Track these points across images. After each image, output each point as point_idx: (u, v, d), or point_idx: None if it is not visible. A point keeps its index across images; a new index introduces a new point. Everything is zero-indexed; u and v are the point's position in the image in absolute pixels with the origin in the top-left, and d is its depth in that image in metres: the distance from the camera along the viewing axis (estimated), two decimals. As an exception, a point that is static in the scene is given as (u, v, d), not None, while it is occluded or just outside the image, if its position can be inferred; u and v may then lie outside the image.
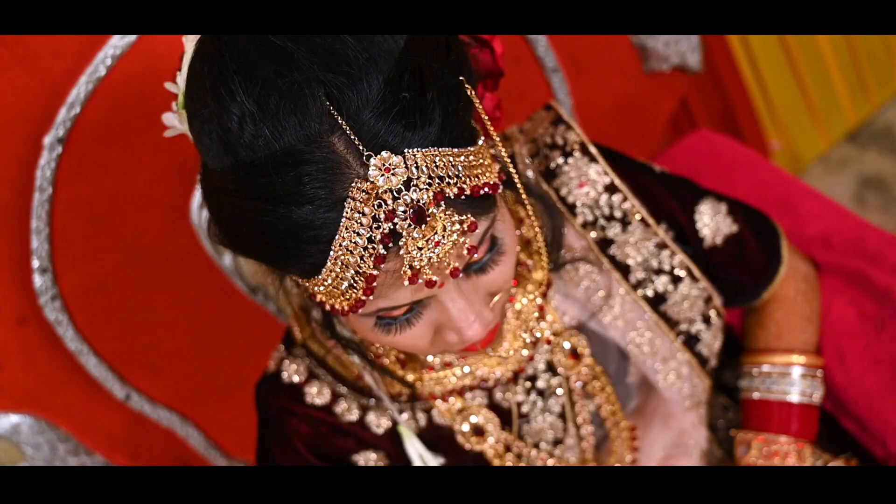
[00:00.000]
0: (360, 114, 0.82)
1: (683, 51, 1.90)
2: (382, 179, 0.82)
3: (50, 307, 1.49)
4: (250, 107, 0.83)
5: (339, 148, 0.83)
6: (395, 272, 0.87)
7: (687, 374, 1.32)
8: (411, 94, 0.84)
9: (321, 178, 0.82)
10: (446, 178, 0.85)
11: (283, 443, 1.24)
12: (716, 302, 1.31)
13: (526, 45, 1.71)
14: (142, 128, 1.41)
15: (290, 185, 0.83)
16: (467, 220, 0.86)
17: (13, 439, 1.55)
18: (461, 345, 1.01)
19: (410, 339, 0.98)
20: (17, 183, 1.39)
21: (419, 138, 0.84)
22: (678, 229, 1.28)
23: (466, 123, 0.91)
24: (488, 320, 0.98)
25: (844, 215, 1.67)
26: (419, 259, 0.85)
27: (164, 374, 1.67)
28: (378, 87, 0.83)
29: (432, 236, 0.85)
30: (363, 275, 0.85)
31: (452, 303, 0.94)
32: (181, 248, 1.58)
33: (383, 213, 0.83)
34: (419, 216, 0.84)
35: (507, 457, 1.28)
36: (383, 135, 0.83)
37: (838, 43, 2.54)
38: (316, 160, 0.82)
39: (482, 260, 0.96)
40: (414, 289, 0.90)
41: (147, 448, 1.71)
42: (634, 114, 1.94)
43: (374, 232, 0.83)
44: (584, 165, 1.22)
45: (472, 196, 0.88)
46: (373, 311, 0.92)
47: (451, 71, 0.89)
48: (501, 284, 0.99)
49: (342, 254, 0.84)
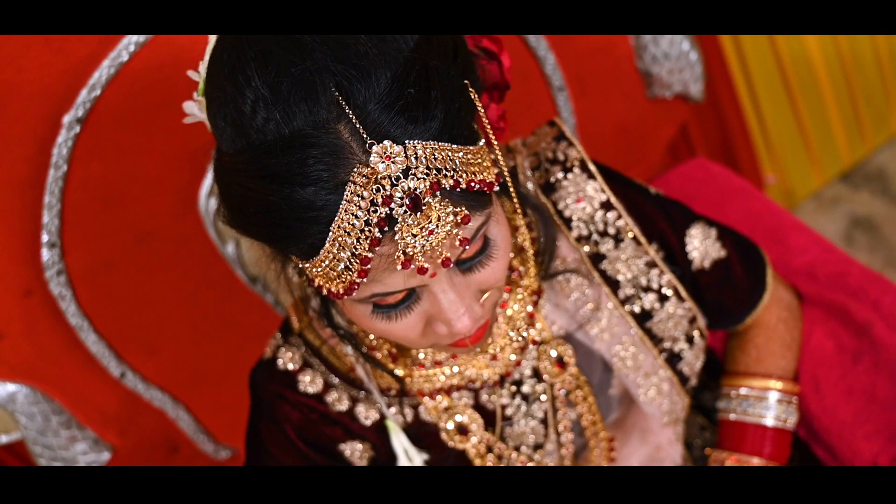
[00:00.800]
0: (366, 105, 0.86)
1: (686, 79, 1.91)
2: (382, 166, 0.85)
3: (55, 281, 1.51)
4: (264, 92, 0.87)
5: (344, 135, 0.86)
6: (388, 257, 0.90)
7: (667, 391, 1.35)
8: (416, 90, 0.88)
9: (325, 161, 0.86)
10: (444, 170, 0.89)
11: (273, 427, 1.27)
12: (700, 323, 1.33)
13: (535, 62, 1.74)
14: (158, 114, 1.46)
15: (295, 167, 0.86)
16: (461, 212, 0.90)
17: (8, 408, 1.58)
18: (451, 338, 1.03)
19: (402, 329, 1.01)
20: (33, 159, 1.42)
21: (421, 131, 0.88)
22: (668, 250, 1.31)
23: (467, 124, 0.94)
24: (478, 315, 1.01)
25: (830, 250, 1.70)
26: (412, 245, 0.88)
27: (160, 356, 1.69)
28: (386, 82, 0.87)
29: (426, 224, 0.88)
30: (358, 257, 0.88)
31: (444, 294, 0.97)
32: (187, 233, 1.60)
33: (381, 197, 0.86)
34: (415, 204, 0.87)
35: (488, 457, 1.30)
36: (386, 126, 0.87)
37: (838, 82, 2.58)
38: (322, 144, 0.86)
39: (475, 257, 0.99)
40: (406, 275, 0.93)
41: (137, 427, 1.73)
42: (635, 137, 1.96)
43: (371, 215, 0.86)
44: (583, 182, 1.25)
45: (467, 190, 0.91)
46: (367, 295, 0.95)
47: (457, 73, 0.93)
48: (492, 283, 1.02)
49: (340, 235, 0.88)
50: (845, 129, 2.72)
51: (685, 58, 1.87)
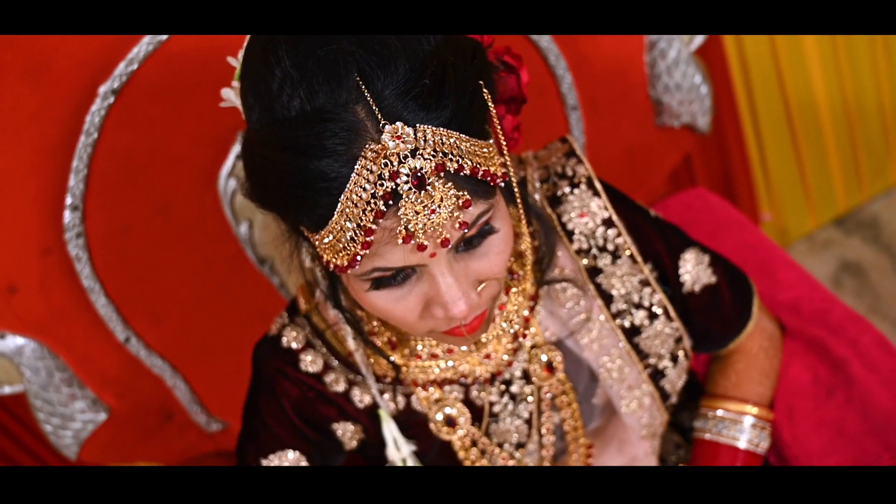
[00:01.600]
0: (384, 90, 0.92)
1: (695, 111, 1.93)
2: (392, 144, 0.91)
3: (73, 243, 1.55)
4: (291, 71, 0.93)
5: (360, 115, 0.92)
6: (391, 231, 0.94)
7: (648, 405, 1.38)
8: (431, 81, 0.93)
9: (341, 136, 0.91)
10: (450, 154, 0.94)
11: (271, 400, 1.31)
12: (685, 343, 1.37)
13: (552, 80, 1.77)
14: (190, 94, 1.51)
15: (313, 139, 0.92)
16: (463, 196, 0.95)
17: (15, 360, 1.61)
18: (447, 324, 1.07)
19: (402, 310, 1.05)
20: (67, 124, 1.46)
21: (431, 118, 0.93)
22: (662, 271, 1.35)
23: (478, 120, 0.99)
24: (474, 302, 1.04)
25: (816, 288, 1.73)
26: (415, 222, 0.93)
27: (165, 325, 1.72)
28: (404, 72, 0.93)
29: (429, 204, 0.93)
30: (363, 228, 0.93)
31: (442, 277, 1.01)
32: (204, 210, 1.64)
33: (388, 172, 0.91)
34: (420, 182, 0.92)
35: (472, 451, 1.34)
36: (400, 110, 0.92)
37: (841, 129, 2.60)
38: (339, 120, 0.91)
39: (475, 246, 1.03)
40: (407, 251, 0.97)
41: (135, 392, 1.77)
42: (640, 161, 1.98)
43: (378, 188, 0.91)
44: (588, 198, 1.30)
45: (471, 176, 0.96)
46: (368, 269, 0.99)
47: (472, 73, 0.98)
48: (489, 273, 1.06)
49: (348, 206, 0.93)
50: (844, 176, 2.73)
51: (696, 90, 1.89)
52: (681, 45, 1.83)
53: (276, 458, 1.33)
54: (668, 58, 1.83)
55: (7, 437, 1.95)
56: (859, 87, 2.57)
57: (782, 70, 2.43)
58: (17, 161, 1.47)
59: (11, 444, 1.94)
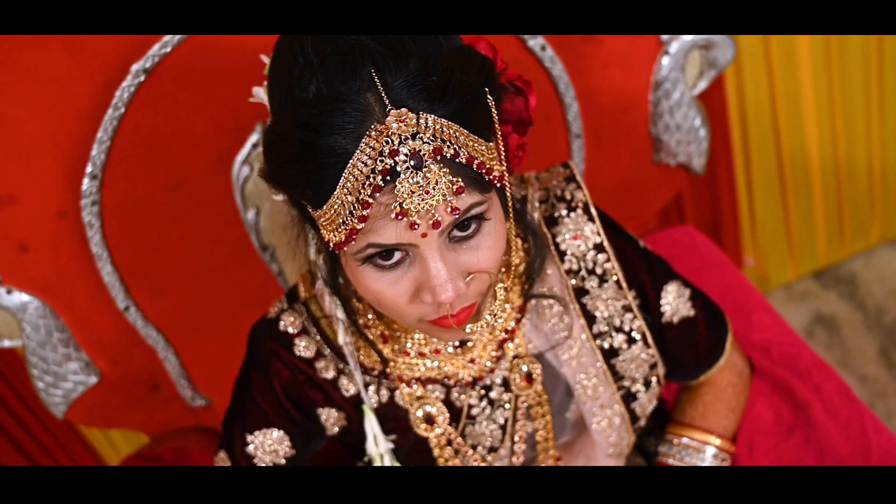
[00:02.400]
0: (393, 82, 0.99)
1: (692, 152, 1.94)
2: (395, 125, 0.98)
3: (88, 210, 1.60)
4: (313, 59, 1.01)
5: (370, 101, 0.99)
6: (387, 206, 1.00)
7: (617, 425, 1.42)
8: (438, 78, 1.00)
9: (350, 116, 0.98)
10: (448, 141, 1.00)
11: (263, 378, 1.35)
12: (659, 370, 1.41)
13: (560, 107, 1.81)
14: (217, 81, 1.56)
15: (324, 117, 0.99)
16: (457, 182, 1.01)
17: (18, 315, 1.65)
18: (435, 312, 1.12)
19: (393, 293, 1.10)
20: (97, 96, 1.51)
21: (435, 109, 1.00)
22: (645, 299, 1.39)
23: (480, 122, 1.05)
24: (461, 290, 1.09)
25: (788, 332, 1.77)
26: (409, 200, 0.99)
27: (164, 298, 1.76)
28: (414, 67, 1.00)
29: (425, 184, 0.99)
30: (361, 201, 0.99)
31: (432, 261, 1.05)
32: (216, 192, 1.68)
33: (388, 149, 0.98)
34: (417, 162, 0.98)
35: (447, 449, 1.38)
36: (406, 99, 0.99)
37: (829, 187, 2.64)
38: (350, 102, 0.98)
39: (466, 237, 1.08)
40: (400, 228, 1.02)
41: (127, 360, 1.80)
42: (634, 194, 2.00)
43: (377, 164, 0.98)
44: (583, 222, 1.34)
45: (467, 165, 1.02)
46: (364, 245, 1.04)
47: (478, 80, 1.04)
48: (478, 266, 1.10)
49: (350, 181, 0.99)
50: (827, 231, 2.77)
51: (695, 132, 1.91)
52: (685, 87, 1.86)
53: (261, 435, 1.37)
54: (672, 98, 1.86)
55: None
56: (851, 148, 2.61)
57: (779, 123, 2.47)
58: (47, 126, 1.51)
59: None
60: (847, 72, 2.46)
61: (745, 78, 2.37)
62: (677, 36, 1.80)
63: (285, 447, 1.39)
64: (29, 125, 1.51)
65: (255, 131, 1.65)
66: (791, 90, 2.43)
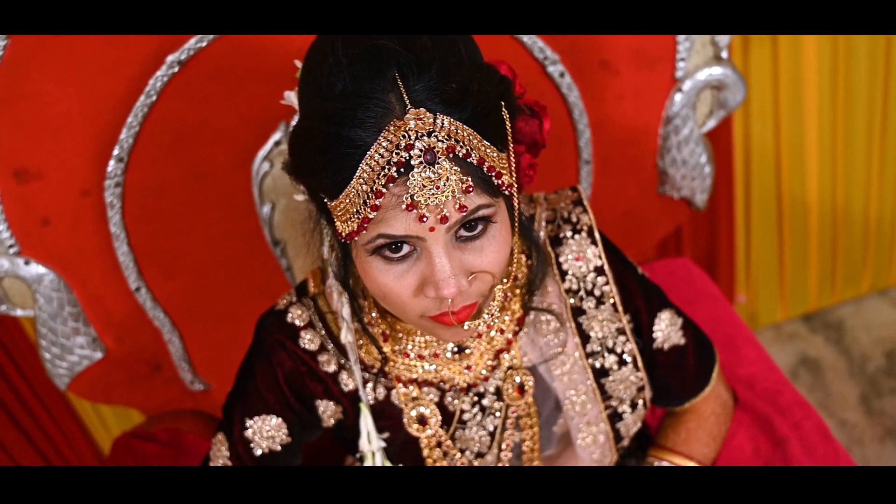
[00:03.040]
0: (415, 85, 1.05)
1: (695, 187, 1.98)
2: (413, 122, 1.04)
3: (111, 191, 1.64)
4: (342, 60, 1.07)
5: (392, 100, 1.05)
6: (398, 198, 1.05)
7: (601, 443, 1.45)
8: (457, 85, 1.06)
9: (372, 111, 1.04)
10: (461, 142, 1.06)
11: (267, 366, 1.39)
12: (646, 394, 1.44)
13: (573, 132, 1.85)
14: (247, 79, 1.61)
15: (348, 111, 1.05)
16: (467, 181, 1.06)
17: (33, 287, 1.69)
18: (436, 307, 1.15)
19: (399, 286, 1.14)
20: (132, 82, 1.56)
21: (451, 112, 1.06)
22: (638, 324, 1.42)
23: (493, 131, 1.10)
24: (463, 287, 1.13)
25: (773, 370, 1.81)
26: (420, 193, 1.04)
27: (174, 282, 1.80)
28: (436, 74, 1.06)
29: (436, 180, 1.04)
30: (375, 191, 1.04)
31: (438, 257, 1.10)
32: (235, 185, 1.72)
33: (404, 143, 1.04)
34: (431, 158, 1.04)
35: (436, 451, 1.42)
36: (425, 101, 1.05)
37: (825, 233, 2.67)
38: (373, 99, 1.04)
39: (472, 237, 1.12)
40: (409, 220, 1.07)
41: (133, 339, 1.84)
42: (636, 223, 2.03)
43: (393, 156, 1.04)
44: (586, 245, 1.38)
45: (477, 167, 1.07)
46: (374, 235, 1.09)
47: (494, 93, 1.10)
48: (481, 267, 1.14)
49: (366, 171, 1.05)
50: (819, 277, 2.80)
51: (700, 169, 1.94)
52: (694, 124, 1.89)
53: (260, 420, 1.40)
54: (681, 134, 1.89)
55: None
56: (849, 198, 2.64)
57: (782, 166, 2.50)
58: (80, 107, 1.56)
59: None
60: (851, 123, 2.50)
61: (752, 120, 2.41)
62: (691, 74, 1.84)
63: (282, 434, 1.42)
64: (63, 104, 1.55)
65: (279, 130, 1.69)
66: (796, 136, 2.46)
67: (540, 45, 1.72)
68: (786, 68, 2.33)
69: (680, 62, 1.82)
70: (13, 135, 1.56)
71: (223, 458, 1.43)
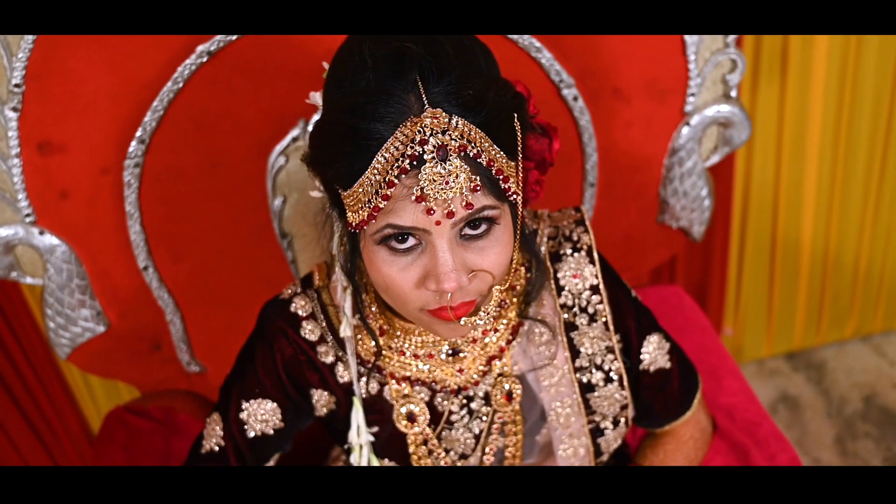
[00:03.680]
0: (434, 87, 1.11)
1: (693, 219, 2.00)
2: (429, 120, 1.10)
3: (130, 171, 1.68)
4: (368, 59, 1.12)
5: (411, 100, 1.11)
6: (409, 189, 1.11)
7: (581, 456, 1.47)
8: (473, 92, 1.12)
9: (393, 107, 1.10)
10: (473, 143, 1.11)
11: (267, 352, 1.42)
12: (629, 412, 1.47)
13: (580, 155, 1.88)
14: (272, 74, 1.65)
15: (369, 106, 1.11)
16: (475, 180, 1.11)
17: (45, 256, 1.73)
18: (436, 301, 1.19)
19: (402, 277, 1.18)
20: (161, 69, 1.60)
21: (466, 115, 1.12)
22: (627, 344, 1.46)
23: (504, 139, 1.14)
24: (463, 283, 1.17)
25: (753, 401, 1.84)
26: (430, 187, 1.10)
27: (182, 265, 1.83)
28: (455, 80, 1.12)
29: (446, 175, 1.10)
30: (387, 181, 1.10)
31: (441, 251, 1.14)
32: (249, 176, 1.76)
33: (419, 138, 1.09)
34: (443, 155, 1.09)
35: (421, 448, 1.45)
36: (442, 103, 1.11)
37: (816, 276, 2.70)
38: (394, 96, 1.10)
39: (476, 237, 1.17)
40: (417, 212, 1.12)
41: (136, 316, 1.87)
42: (633, 248, 2.05)
43: (407, 149, 1.09)
44: (584, 264, 1.42)
45: (487, 168, 1.13)
46: (383, 225, 1.14)
47: (508, 104, 1.16)
48: (482, 265, 1.19)
49: (380, 162, 1.10)
50: (806, 318, 2.84)
51: (700, 201, 1.97)
52: (698, 158, 1.92)
53: (256, 404, 1.44)
54: (685, 166, 1.92)
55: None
56: (842, 244, 2.68)
57: (779, 207, 2.54)
58: (109, 87, 1.60)
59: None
60: (850, 171, 2.54)
61: (754, 159, 2.45)
62: (700, 110, 1.88)
63: (276, 419, 1.45)
64: (93, 84, 1.59)
65: (297, 126, 1.73)
66: (795, 178, 2.50)
67: (557, 67, 1.76)
68: (791, 112, 2.37)
69: (690, 97, 1.86)
70: (42, 108, 1.59)
71: (216, 437, 1.46)
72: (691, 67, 1.82)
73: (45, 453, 2.52)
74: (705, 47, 1.81)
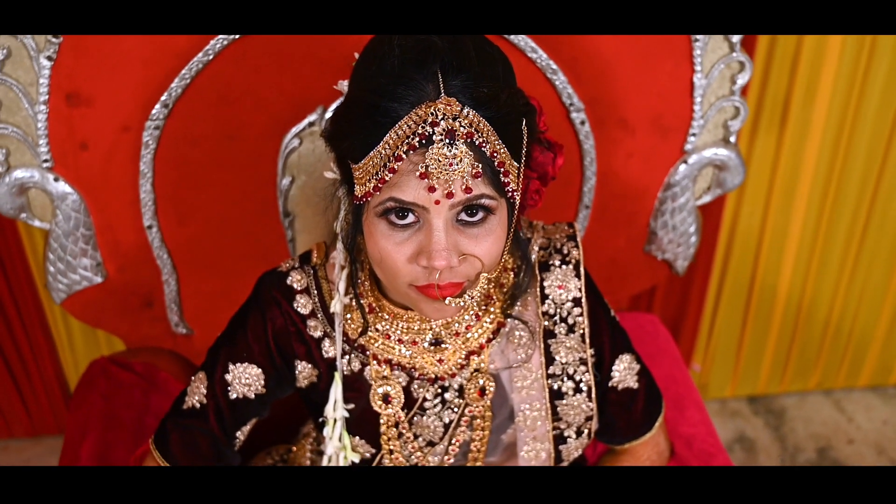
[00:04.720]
0: (452, 80, 1.19)
1: (678, 253, 2.03)
2: (442, 106, 1.17)
3: (150, 132, 1.73)
4: (396, 50, 1.20)
5: (429, 88, 1.18)
6: (414, 165, 1.17)
7: (542, 460, 1.52)
8: (487, 91, 1.20)
9: (412, 89, 1.18)
10: (480, 133, 1.19)
11: (259, 319, 1.47)
12: (592, 424, 1.51)
13: (580, 176, 1.92)
14: (299, 59, 1.71)
15: (390, 87, 1.18)
16: (477, 167, 1.18)
17: (56, 203, 1.77)
18: (426, 277, 1.24)
19: (397, 251, 1.24)
20: (193, 39, 1.65)
21: (478, 109, 1.19)
22: (600, 359, 1.51)
23: (510, 138, 1.21)
24: (453, 263, 1.22)
25: (712, 434, 1.91)
26: (435, 166, 1.16)
27: (185, 229, 1.87)
28: (473, 77, 1.20)
29: (451, 157, 1.17)
30: (395, 156, 1.17)
31: (437, 230, 1.20)
32: (262, 153, 1.80)
33: (431, 120, 1.17)
34: (451, 138, 1.16)
35: (392, 430, 1.49)
36: (457, 94, 1.19)
37: (787, 326, 2.75)
38: (414, 82, 1.18)
39: (472, 223, 1.23)
40: (419, 190, 1.18)
41: (134, 272, 1.91)
42: (617, 273, 2.08)
43: (418, 128, 1.16)
44: (570, 277, 1.48)
45: (490, 158, 1.19)
46: (386, 198, 1.20)
47: (519, 109, 1.24)
48: (472, 250, 1.24)
49: (392, 138, 1.18)
50: (772, 365, 2.88)
51: (687, 237, 2.01)
52: (691, 195, 1.97)
53: (242, 367, 1.48)
54: (677, 201, 1.97)
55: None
56: (816, 298, 2.73)
57: (761, 254, 2.59)
58: (142, 49, 1.65)
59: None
60: (834, 229, 2.58)
61: (744, 203, 2.49)
62: (699, 150, 1.93)
63: (259, 385, 1.50)
64: (128, 44, 1.65)
65: (315, 112, 1.78)
66: (780, 228, 2.54)
67: (569, 91, 1.82)
68: (785, 164, 2.42)
69: (691, 136, 1.91)
70: (75, 60, 1.64)
71: (199, 395, 1.50)
72: (696, 109, 1.88)
73: (17, 394, 2.57)
74: (712, 92, 1.87)
